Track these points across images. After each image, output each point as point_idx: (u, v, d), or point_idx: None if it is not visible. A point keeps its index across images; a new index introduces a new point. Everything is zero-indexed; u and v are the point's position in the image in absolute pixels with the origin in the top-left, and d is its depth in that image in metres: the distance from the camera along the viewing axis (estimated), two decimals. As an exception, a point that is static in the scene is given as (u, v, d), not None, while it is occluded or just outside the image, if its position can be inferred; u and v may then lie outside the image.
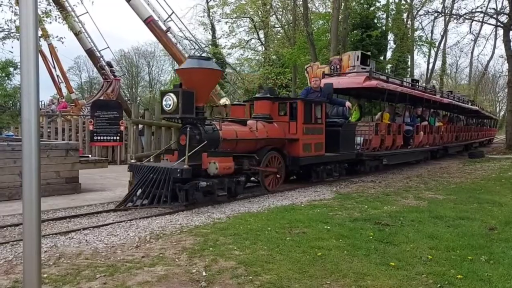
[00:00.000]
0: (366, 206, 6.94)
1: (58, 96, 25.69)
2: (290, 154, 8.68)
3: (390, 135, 12.33)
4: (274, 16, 32.91)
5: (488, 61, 48.54)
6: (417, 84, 15.76)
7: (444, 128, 17.58)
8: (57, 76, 24.15)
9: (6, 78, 16.47)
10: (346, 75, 12.79)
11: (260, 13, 31.14)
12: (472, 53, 48.68)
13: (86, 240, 4.79)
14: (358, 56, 12.59)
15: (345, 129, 10.14)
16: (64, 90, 25.27)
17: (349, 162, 10.64)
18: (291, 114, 8.81)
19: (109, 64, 23.66)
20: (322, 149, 9.34)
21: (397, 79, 14.03)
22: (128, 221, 5.74)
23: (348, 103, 10.78)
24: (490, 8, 26.49)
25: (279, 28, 33.65)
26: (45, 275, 3.58)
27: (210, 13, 34.62)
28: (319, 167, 9.53)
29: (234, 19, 32.74)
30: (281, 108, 9.00)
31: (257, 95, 9.99)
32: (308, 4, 26.38)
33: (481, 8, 26.09)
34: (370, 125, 11.72)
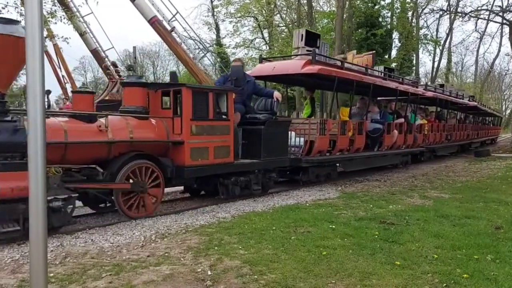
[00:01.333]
0: (371, 205, 6.93)
1: (63, 96, 25.82)
2: (175, 163, 6.43)
3: (346, 135, 9.96)
4: (278, 15, 32.87)
5: (494, 59, 48.16)
6: (392, 74, 13.18)
7: (430, 127, 15.22)
8: (63, 76, 24.25)
9: (12, 78, 16.64)
10: (289, 59, 10.62)
11: (264, 12, 31.13)
12: (477, 51, 48.36)
13: (92, 240, 4.82)
14: (302, 35, 9.65)
15: (271, 127, 7.71)
16: (70, 90, 25.39)
17: (289, 170, 8.85)
18: (175, 107, 6.54)
19: (114, 64, 23.73)
20: (229, 155, 6.94)
21: (362, 67, 11.17)
22: (133, 221, 5.76)
23: (276, 94, 8.16)
24: (496, 5, 26.31)
25: (284, 27, 33.60)
26: (52, 274, 3.60)
27: (215, 13, 34.67)
28: (229, 179, 7.12)
29: (238, 19, 32.75)
30: (165, 99, 6.84)
31: (125, 80, 7.12)
32: (313, 3, 26.34)
33: (487, 5, 25.92)
34: (312, 122, 9.29)
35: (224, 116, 6.92)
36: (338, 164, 10.12)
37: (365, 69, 10.90)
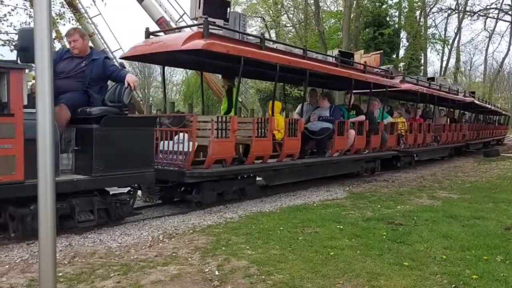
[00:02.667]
0: (379, 206, 6.89)
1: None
2: None
3: (267, 137, 7.30)
4: (285, 15, 32.87)
5: (504, 58, 47.78)
6: (350, 60, 10.29)
7: (408, 126, 12.56)
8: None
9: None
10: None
11: (271, 12, 31.13)
12: (486, 50, 48.09)
13: (100, 240, 4.84)
14: (199, 1, 6.97)
15: (113, 127, 5.18)
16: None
17: (179, 187, 6.72)
18: None
19: (122, 65, 23.85)
20: (14, 171, 4.35)
21: (301, 49, 8.88)
22: (141, 221, 5.79)
23: (130, 78, 5.48)
24: (505, 4, 26.09)
25: (291, 27, 33.58)
26: (60, 274, 3.63)
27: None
28: (25, 208, 4.56)
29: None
30: None
31: None
32: (320, 3, 26.29)
33: (496, 4, 25.73)
34: (204, 121, 7.08)
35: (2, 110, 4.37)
36: (259, 177, 7.80)
37: (303, 50, 8.52)
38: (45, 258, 2.36)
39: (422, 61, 31.15)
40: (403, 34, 29.04)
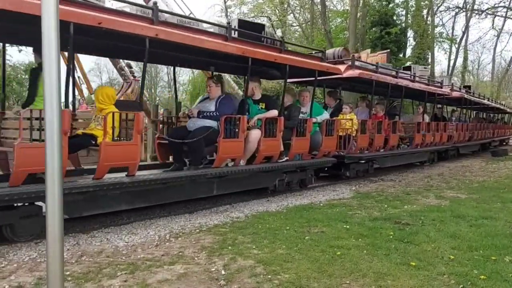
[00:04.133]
0: (385, 205, 6.87)
1: (79, 97, 26.14)
2: None
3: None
4: (291, 14, 32.82)
5: (512, 57, 47.32)
6: (262, 33, 7.37)
7: (359, 125, 9.79)
8: (78, 77, 24.57)
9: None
10: None
11: (277, 12, 31.10)
12: (494, 49, 47.65)
13: (107, 239, 4.87)
14: None
15: None
16: (85, 92, 25.71)
17: None
18: None
19: (128, 65, 23.92)
20: None
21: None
22: (148, 220, 5.81)
23: None
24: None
25: (297, 27, 33.53)
26: (68, 273, 3.65)
27: (228, 13, 34.75)
28: None
29: (251, 18, 32.77)
30: None
31: None
32: (326, 2, 26.23)
33: (504, 2, 25.49)
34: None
35: None
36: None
37: (150, 10, 5.59)
38: (53, 257, 2.38)
39: (430, 60, 30.92)
40: (410, 33, 28.86)
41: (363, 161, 10.31)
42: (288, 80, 9.37)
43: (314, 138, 8.42)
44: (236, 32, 6.79)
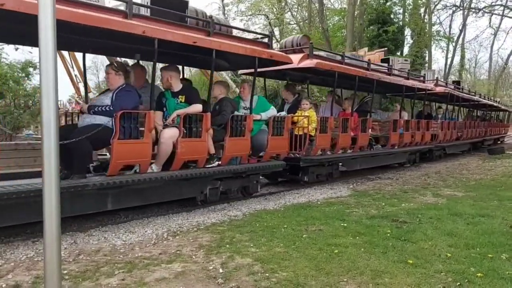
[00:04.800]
0: (383, 203, 6.88)
1: (76, 96, 26.03)
2: None
3: None
4: (289, 13, 32.80)
5: (509, 55, 47.47)
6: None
7: (318, 123, 8.60)
8: (75, 75, 24.47)
9: (26, 78, 16.86)
10: None
11: (275, 10, 31.06)
12: (491, 47, 47.91)
13: (105, 237, 4.86)
14: None
15: None
16: (82, 90, 25.61)
17: None
18: None
19: (126, 64, 23.84)
20: None
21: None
22: (146, 218, 5.80)
23: None
24: (510, 1, 25.93)
25: (295, 25, 33.51)
26: (65, 271, 3.65)
27: (225, 11, 34.70)
28: None
29: (249, 17, 32.72)
30: None
31: None
32: (324, 0, 26.23)
33: (501, 1, 25.54)
34: None
35: None
36: None
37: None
38: (50, 256, 2.37)
39: (427, 58, 30.98)
40: (407, 32, 28.87)
41: (327, 164, 9.14)
42: (244, 72, 9.46)
43: (257, 138, 7.24)
44: (149, 10, 5.63)
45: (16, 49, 13.89)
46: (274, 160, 7.61)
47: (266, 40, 7.47)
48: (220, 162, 6.57)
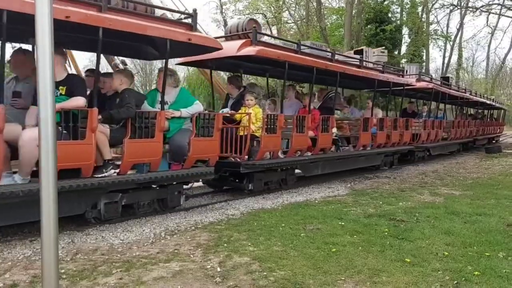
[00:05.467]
0: (380, 202, 6.89)
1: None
2: None
3: None
4: (287, 11, 32.78)
5: (506, 54, 47.56)
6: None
7: (264, 121, 7.32)
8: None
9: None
10: None
11: (272, 9, 31.03)
12: (489, 46, 47.92)
13: (102, 236, 4.85)
14: None
15: None
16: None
17: None
18: None
19: (123, 63, 23.79)
20: None
21: None
22: (143, 218, 5.80)
23: None
24: (508, 0, 25.96)
25: (292, 24, 33.50)
26: (63, 271, 3.64)
27: (223, 10, 34.67)
28: None
29: (247, 15, 32.69)
30: None
31: None
32: (321, -1, 26.24)
33: (499, 0, 25.57)
34: None
35: None
36: None
37: None
38: (47, 255, 2.37)
39: (424, 57, 31.02)
40: (405, 31, 28.90)
41: (279, 169, 7.99)
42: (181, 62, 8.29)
43: (176, 139, 5.99)
44: None
45: (13, 47, 13.86)
46: (200, 166, 6.30)
47: (188, 20, 6.04)
48: (118, 171, 5.32)
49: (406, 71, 13.83)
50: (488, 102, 22.65)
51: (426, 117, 14.18)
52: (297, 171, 8.60)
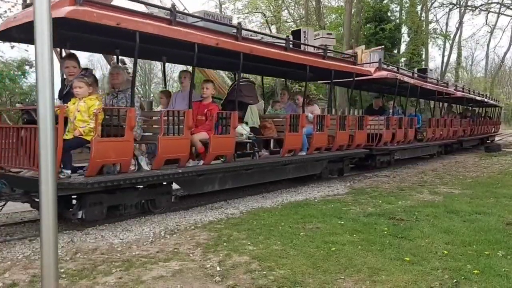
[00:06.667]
0: (380, 201, 6.89)
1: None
2: None
3: None
4: (286, 10, 32.76)
5: (505, 53, 47.59)
6: None
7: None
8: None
9: (22, 76, 16.81)
10: None
11: (272, 8, 31.02)
12: (488, 45, 47.94)
13: (102, 236, 4.85)
14: None
15: None
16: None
17: None
18: None
19: (122, 62, 23.78)
20: None
21: None
22: (143, 217, 5.79)
23: None
24: (506, -2, 25.97)
25: (291, 23, 33.49)
26: (62, 270, 3.64)
27: (222, 9, 34.64)
28: None
29: (246, 14, 32.67)
30: None
31: None
32: (320, -2, 26.23)
33: (498, -1, 25.57)
34: None
35: None
36: None
37: None
38: (47, 254, 2.37)
39: (424, 56, 31.02)
40: (404, 29, 28.92)
41: (144, 188, 5.88)
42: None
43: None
44: None
45: (12, 47, 13.83)
46: None
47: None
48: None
49: (364, 59, 12.05)
50: (477, 98, 20.17)
51: (395, 113, 12.26)
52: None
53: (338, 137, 9.20)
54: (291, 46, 7.99)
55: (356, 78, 9.76)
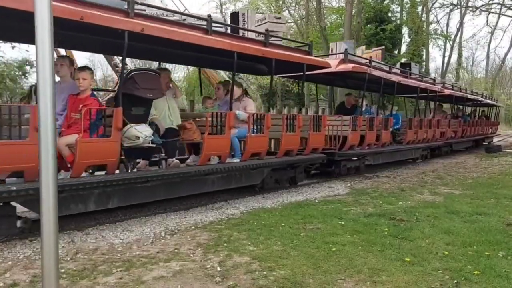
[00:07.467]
0: (380, 202, 6.89)
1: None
2: None
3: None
4: (286, 11, 32.77)
5: (506, 54, 47.57)
6: None
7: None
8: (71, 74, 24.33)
9: (23, 76, 16.83)
10: None
11: (272, 8, 31.02)
12: (489, 45, 47.94)
13: (102, 236, 4.86)
14: None
15: None
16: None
17: None
18: None
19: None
20: None
21: None
22: (143, 217, 5.80)
23: None
24: (507, -1, 25.95)
25: (292, 23, 33.50)
26: (63, 270, 3.64)
27: (223, 9, 34.66)
28: None
29: (246, 15, 32.65)
30: None
31: None
32: (321, -1, 26.22)
33: (498, -1, 25.55)
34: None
35: None
36: None
37: None
38: (47, 255, 2.37)
39: (424, 57, 31.01)
40: (405, 30, 28.90)
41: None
42: None
43: None
44: None
45: (13, 47, 13.87)
46: None
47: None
48: None
49: (332, 50, 10.56)
50: (471, 97, 18.15)
51: (366, 113, 11.01)
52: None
53: (285, 140, 7.64)
54: (214, 28, 6.34)
55: (314, 72, 8.45)
